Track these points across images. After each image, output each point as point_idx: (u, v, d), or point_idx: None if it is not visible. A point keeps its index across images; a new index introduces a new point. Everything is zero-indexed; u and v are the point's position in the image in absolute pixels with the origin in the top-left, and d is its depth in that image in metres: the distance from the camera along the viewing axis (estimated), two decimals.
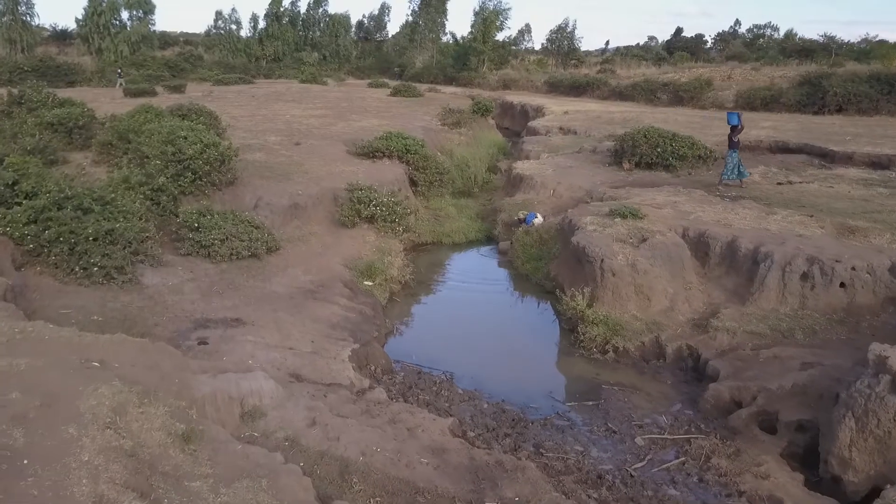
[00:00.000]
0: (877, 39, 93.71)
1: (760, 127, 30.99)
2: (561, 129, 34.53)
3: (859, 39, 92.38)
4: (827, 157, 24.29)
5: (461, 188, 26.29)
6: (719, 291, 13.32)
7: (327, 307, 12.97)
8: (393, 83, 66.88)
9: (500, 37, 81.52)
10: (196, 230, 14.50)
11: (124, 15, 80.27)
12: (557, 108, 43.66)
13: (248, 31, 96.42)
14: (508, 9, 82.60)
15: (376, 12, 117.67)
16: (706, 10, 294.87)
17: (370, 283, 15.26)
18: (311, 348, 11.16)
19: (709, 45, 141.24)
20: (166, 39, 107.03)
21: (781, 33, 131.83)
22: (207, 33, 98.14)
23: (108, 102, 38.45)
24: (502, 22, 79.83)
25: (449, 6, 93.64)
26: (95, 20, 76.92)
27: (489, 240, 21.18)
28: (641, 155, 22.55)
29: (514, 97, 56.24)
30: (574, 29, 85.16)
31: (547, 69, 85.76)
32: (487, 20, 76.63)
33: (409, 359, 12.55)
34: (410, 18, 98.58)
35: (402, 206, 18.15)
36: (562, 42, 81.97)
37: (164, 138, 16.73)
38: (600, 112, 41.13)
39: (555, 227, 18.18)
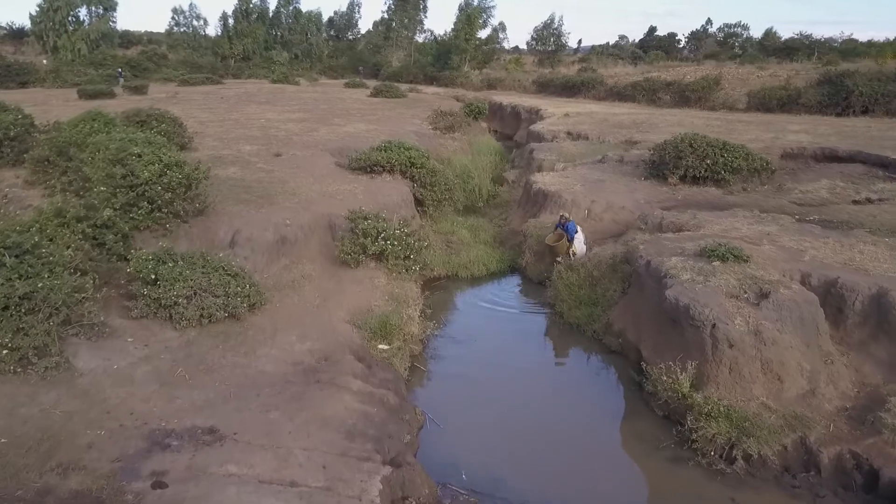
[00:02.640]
0: (847, 38, 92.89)
1: (792, 131, 27.84)
2: (569, 133, 31.09)
3: (839, 38, 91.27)
4: (890, 168, 21.05)
5: (465, 203, 22.70)
6: (871, 365, 9.90)
7: (337, 397, 9.26)
8: (371, 83, 63.21)
9: (482, 34, 77.78)
10: (153, 284, 10.73)
11: (82, 12, 75.34)
12: (555, 110, 40.27)
13: (216, 28, 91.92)
14: (493, 6, 79.09)
15: (345, 9, 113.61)
16: (673, 11, 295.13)
17: (386, 347, 11.59)
18: (324, 480, 7.47)
19: (682, 44, 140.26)
20: (130, 38, 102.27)
21: (751, 32, 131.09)
22: (169, 31, 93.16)
23: (59, 105, 34.36)
24: (486, 19, 76.34)
25: (427, 3, 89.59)
26: (51, 16, 71.89)
27: (513, 271, 17.62)
28: (687, 167, 19.15)
29: (503, 98, 52.81)
30: (561, 25, 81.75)
31: (524, 68, 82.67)
32: (471, 17, 72.96)
33: (456, 476, 8.90)
34: (385, 16, 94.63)
35: (418, 237, 14.47)
36: (548, 39, 78.30)
37: (111, 156, 12.88)
38: (604, 114, 37.82)
39: (607, 262, 14.67)
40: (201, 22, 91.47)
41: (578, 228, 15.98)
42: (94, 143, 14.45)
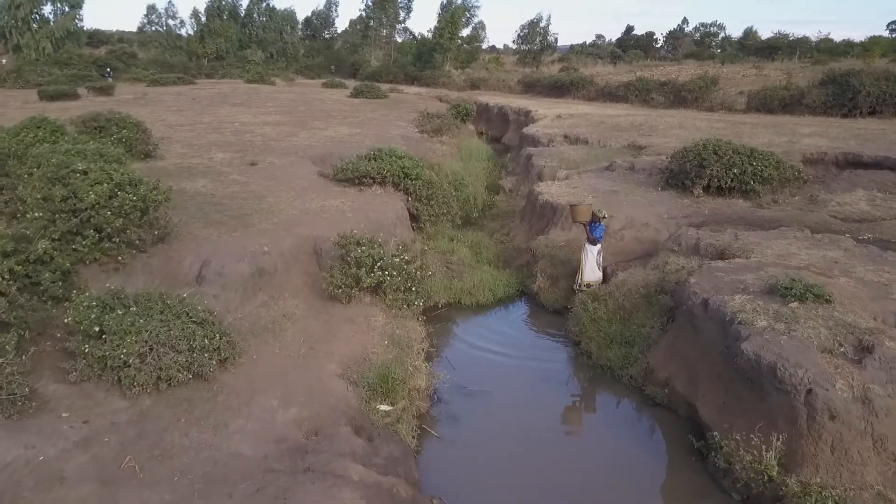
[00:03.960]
0: (824, 37, 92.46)
1: (805, 134, 26.12)
2: (566, 137, 29.12)
3: (816, 38, 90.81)
4: None
5: (459, 214, 20.57)
6: None
7: (334, 494, 7.10)
8: (349, 83, 60.97)
9: (464, 33, 75.73)
10: (97, 338, 8.53)
11: (47, 9, 72.09)
12: (546, 112, 38.34)
13: (188, 27, 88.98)
14: (478, 5, 77.06)
15: (322, 8, 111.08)
16: (648, 10, 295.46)
17: (388, 409, 9.45)
18: None
19: (660, 43, 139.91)
20: (99, 38, 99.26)
21: (727, 32, 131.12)
22: (141, 29, 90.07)
23: (16, 108, 31.87)
24: (469, 18, 74.25)
25: (408, 1, 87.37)
26: (13, 13, 68.54)
27: (521, 295, 15.56)
28: (711, 177, 17.20)
29: (488, 98, 50.87)
30: (549, 24, 79.89)
31: (504, 67, 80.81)
32: (455, 15, 70.80)
33: None
34: (363, 14, 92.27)
35: (419, 264, 12.31)
36: (534, 38, 76.40)
37: (51, 173, 10.62)
38: (598, 115, 35.92)
39: (639, 291, 12.66)
40: (177, 21, 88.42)
41: (599, 246, 13.96)
42: (34, 155, 12.17)
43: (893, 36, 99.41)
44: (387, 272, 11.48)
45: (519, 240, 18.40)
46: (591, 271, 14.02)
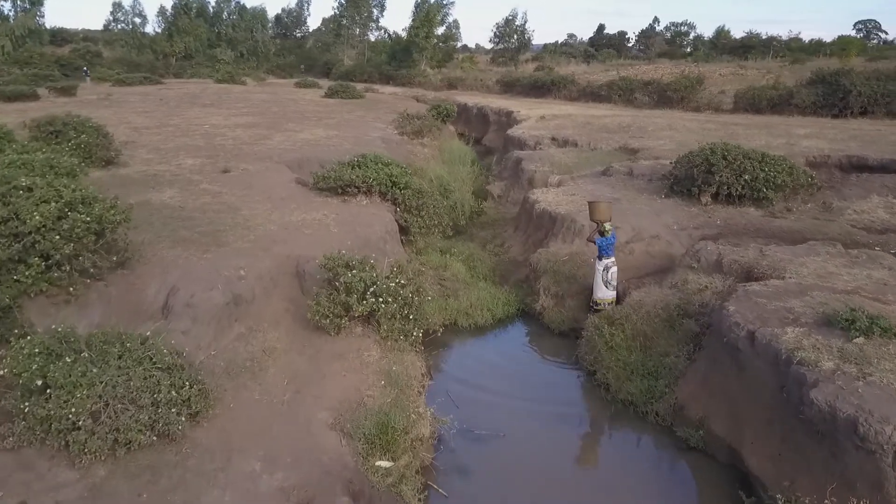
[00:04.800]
0: (794, 36, 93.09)
1: (801, 136, 25.21)
2: (553, 139, 27.93)
3: (786, 37, 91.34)
4: None
5: (449, 224, 19.24)
6: None
7: None
8: (323, 82, 59.43)
9: (439, 31, 74.31)
10: (40, 393, 7.06)
11: (6, 6, 69.48)
12: (528, 112, 37.15)
13: (155, 25, 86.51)
14: (451, 2, 75.72)
15: (294, 5, 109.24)
16: (620, 10, 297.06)
17: (388, 465, 8.06)
18: None
19: (632, 42, 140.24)
20: (63, 36, 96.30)
21: (698, 31, 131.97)
22: (107, 27, 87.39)
23: None
24: (444, 15, 72.88)
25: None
26: None
27: (523, 314, 14.28)
28: (720, 184, 16.05)
29: (467, 98, 49.56)
30: (525, 21, 78.76)
31: (477, 67, 79.63)
32: (429, 13, 69.36)
33: None
34: (336, 12, 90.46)
35: (416, 287, 10.93)
36: (511, 36, 75.22)
37: None
38: (583, 116, 34.81)
39: (658, 314, 11.43)
40: (143, 19, 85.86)
41: (607, 262, 12.66)
42: None
43: (860, 36, 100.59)
44: (381, 299, 10.09)
45: (515, 252, 17.11)
46: (598, 288, 12.76)
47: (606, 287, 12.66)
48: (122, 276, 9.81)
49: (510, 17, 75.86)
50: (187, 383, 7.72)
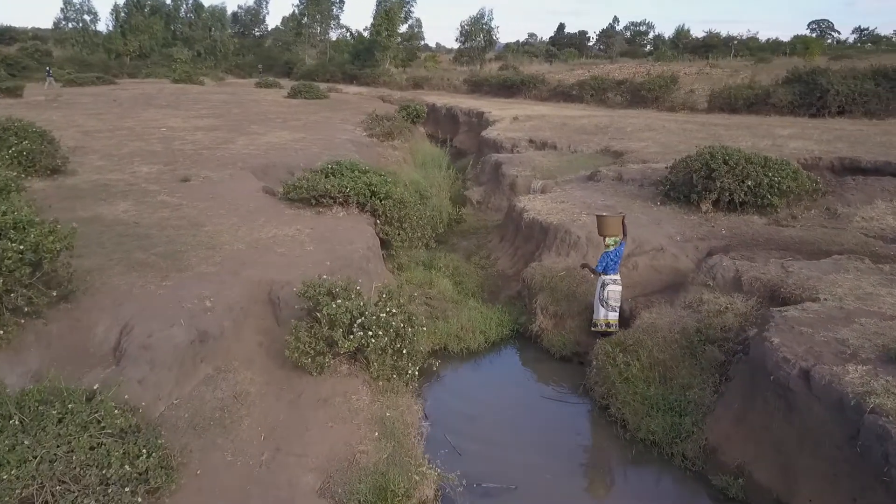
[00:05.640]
0: (751, 36, 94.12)
1: (785, 136, 24.51)
2: (531, 141, 26.82)
3: (744, 37, 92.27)
4: None
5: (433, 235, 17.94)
6: None
7: None
8: (284, 82, 57.82)
9: (402, 29, 72.91)
10: None
11: None
12: (500, 113, 36.04)
13: (108, 23, 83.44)
14: (414, 2, 74.31)
15: (252, 3, 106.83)
16: (578, 10, 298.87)
17: None
18: None
19: (592, 41, 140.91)
20: (12, 35, 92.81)
21: (657, 30, 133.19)
22: (57, 25, 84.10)
23: None
24: (407, 14, 71.44)
25: None
26: None
27: (520, 337, 13.06)
28: (721, 190, 15.03)
29: (434, 98, 48.35)
30: (491, 19, 77.76)
31: (441, 66, 78.57)
32: (391, 12, 67.89)
33: None
34: (296, 11, 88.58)
35: (408, 315, 9.60)
36: (477, 35, 74.12)
37: None
38: (557, 117, 33.83)
39: (674, 338, 10.31)
40: (92, 16, 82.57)
41: (604, 279, 11.52)
42: None
43: (815, 35, 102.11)
44: (370, 332, 8.74)
45: (503, 264, 15.90)
46: (596, 307, 11.65)
47: (603, 307, 11.54)
48: (65, 311, 8.32)
49: (477, 16, 74.64)
50: (144, 451, 6.30)
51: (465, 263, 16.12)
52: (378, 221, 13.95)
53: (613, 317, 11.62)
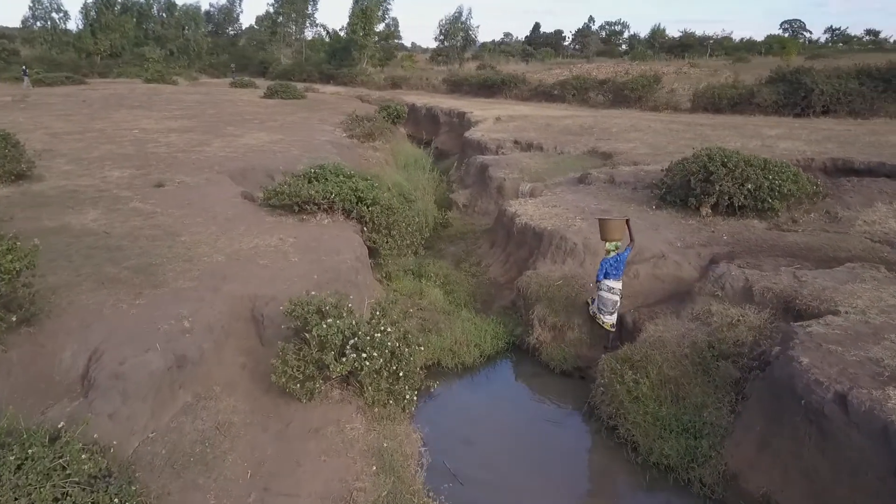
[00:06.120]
0: (725, 36, 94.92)
1: (774, 137, 24.18)
2: (516, 142, 26.23)
3: (718, 36, 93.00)
4: None
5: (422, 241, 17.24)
6: None
7: None
8: (259, 82, 56.81)
9: (379, 28, 72.03)
10: None
11: None
12: (482, 113, 35.42)
13: (78, 22, 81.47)
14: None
15: (225, 2, 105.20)
16: (551, 9, 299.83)
17: None
18: None
19: (568, 41, 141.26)
20: None
21: (632, 30, 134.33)
22: (25, 24, 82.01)
23: None
24: (384, 12, 70.57)
25: None
26: None
27: (516, 350, 12.43)
28: (720, 193, 14.51)
29: (414, 98, 47.61)
30: (470, 18, 77.22)
31: (418, 66, 77.92)
32: (367, 10, 66.99)
33: None
34: (270, 9, 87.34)
35: (405, 334, 8.91)
36: (456, 34, 73.46)
37: None
38: (540, 117, 33.29)
39: (683, 353, 9.73)
40: (61, 14, 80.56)
41: (619, 285, 10.98)
42: None
43: (787, 35, 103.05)
44: (364, 354, 8.04)
45: (495, 272, 15.26)
46: (605, 313, 11.15)
47: (599, 312, 11.06)
48: (27, 336, 7.52)
49: (456, 14, 73.98)
50: (116, 500, 5.56)
51: (455, 271, 15.47)
52: (365, 229, 13.23)
53: (609, 320, 11.10)
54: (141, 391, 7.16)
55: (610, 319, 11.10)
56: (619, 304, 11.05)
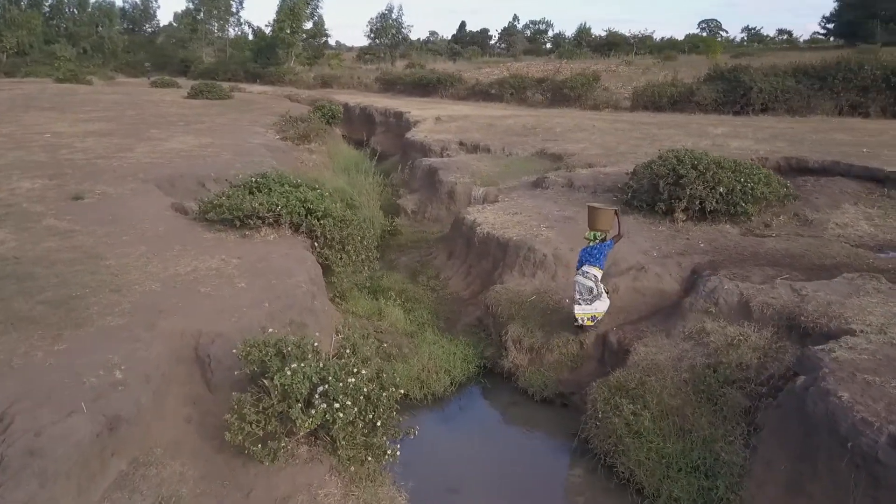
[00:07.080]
0: (647, 35, 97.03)
1: (721, 135, 23.96)
2: (461, 144, 25.24)
3: (640, 35, 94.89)
4: (888, 183, 16.81)
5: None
6: None
7: None
8: (182, 81, 54.27)
9: (307, 26, 69.97)
10: None
11: None
12: (420, 113, 34.31)
13: None
14: None
15: None
16: (476, 9, 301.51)
17: None
18: None
19: (494, 39, 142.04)
20: None
21: (556, 29, 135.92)
22: None
23: None
24: (313, 10, 68.52)
25: None
26: None
27: (489, 374, 11.33)
28: (691, 197, 13.79)
29: (346, 97, 46.10)
30: (401, 15, 75.90)
31: (345, 64, 76.41)
32: (295, 7, 64.86)
33: None
34: (190, 6, 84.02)
35: (378, 372, 7.69)
36: (387, 31, 71.95)
37: None
38: (481, 117, 32.42)
39: (683, 378, 8.83)
40: None
41: (597, 272, 10.11)
42: None
43: (705, 34, 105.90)
44: (337, 403, 6.78)
45: (456, 286, 14.14)
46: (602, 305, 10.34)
47: (574, 301, 10.25)
48: None
49: (386, 12, 72.54)
50: None
51: (413, 285, 14.29)
52: (317, 245, 11.89)
53: (581, 310, 10.18)
54: (63, 467, 5.73)
55: (581, 310, 10.18)
56: (594, 291, 10.11)
